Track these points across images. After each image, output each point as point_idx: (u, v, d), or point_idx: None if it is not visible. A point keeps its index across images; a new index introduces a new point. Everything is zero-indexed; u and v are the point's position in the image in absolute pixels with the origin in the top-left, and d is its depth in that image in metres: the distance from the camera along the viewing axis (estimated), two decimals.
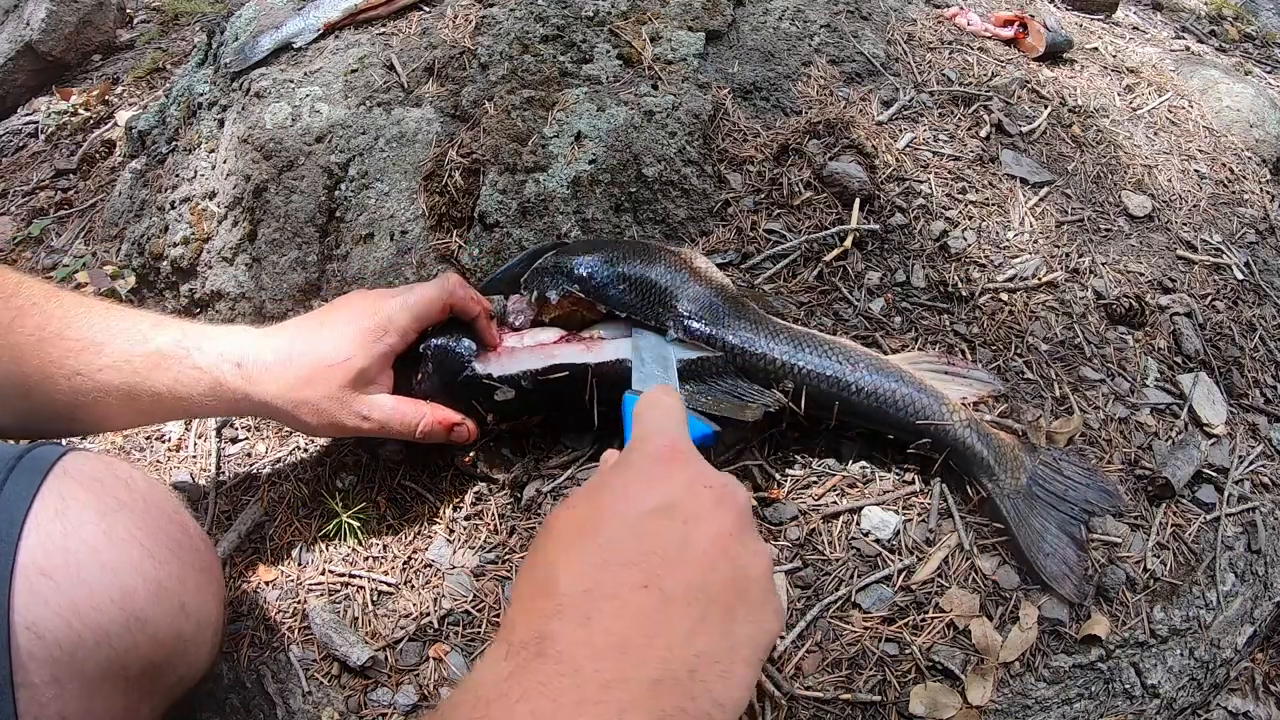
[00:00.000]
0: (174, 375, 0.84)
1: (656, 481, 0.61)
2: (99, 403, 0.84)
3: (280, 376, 0.84)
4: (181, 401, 0.85)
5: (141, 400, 0.84)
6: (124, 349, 0.83)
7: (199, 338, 0.86)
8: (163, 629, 0.69)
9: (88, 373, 0.82)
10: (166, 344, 0.84)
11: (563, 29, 1.25)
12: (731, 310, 0.95)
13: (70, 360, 0.82)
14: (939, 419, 0.91)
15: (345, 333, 0.86)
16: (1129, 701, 0.87)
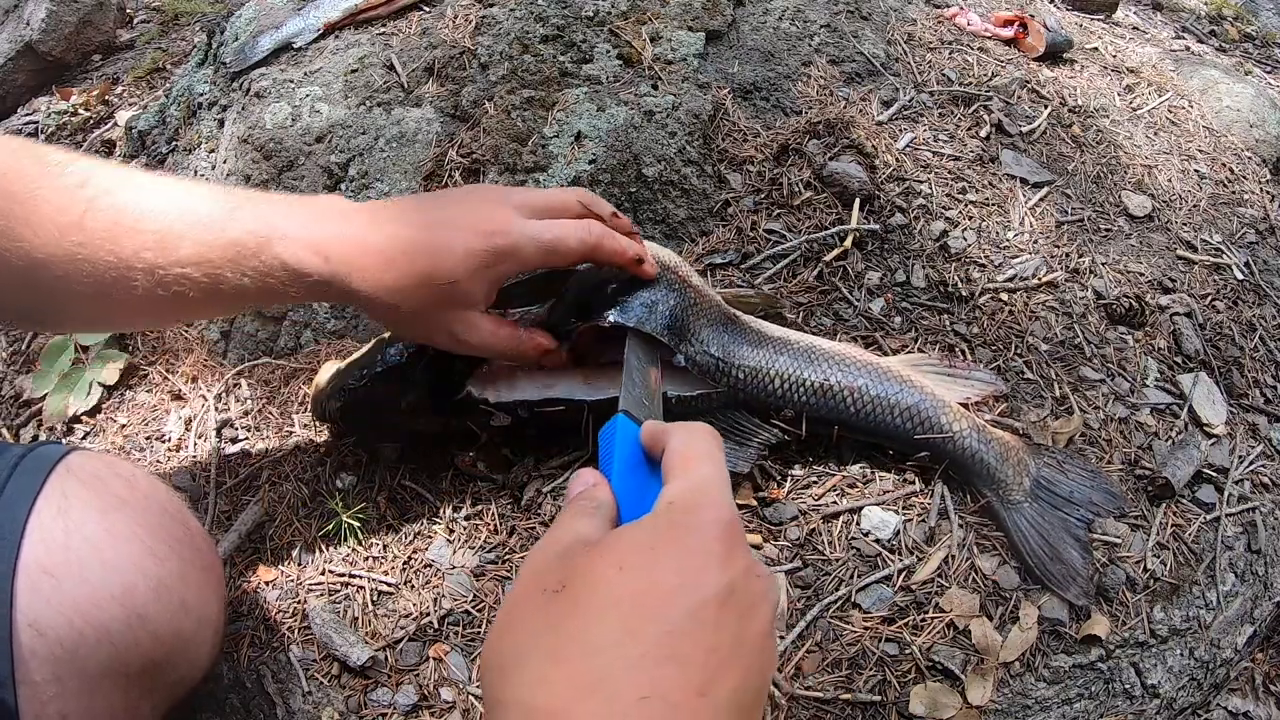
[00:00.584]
0: (254, 267, 0.76)
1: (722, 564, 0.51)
2: (179, 297, 0.77)
3: (371, 277, 0.77)
4: (265, 291, 0.78)
5: (224, 294, 0.78)
6: (203, 240, 0.76)
7: (284, 223, 0.77)
8: (164, 627, 0.69)
9: (166, 266, 0.75)
10: (246, 234, 0.76)
11: (563, 29, 1.25)
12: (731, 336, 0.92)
13: (147, 254, 0.75)
14: (943, 428, 0.91)
15: (457, 248, 0.77)
16: (1129, 701, 0.87)
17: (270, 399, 1.11)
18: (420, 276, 0.76)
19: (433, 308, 0.79)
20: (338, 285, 0.77)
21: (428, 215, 0.80)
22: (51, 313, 0.83)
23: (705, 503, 0.55)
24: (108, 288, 0.76)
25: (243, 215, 0.77)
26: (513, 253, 0.79)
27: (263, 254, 0.76)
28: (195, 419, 1.11)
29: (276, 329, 1.17)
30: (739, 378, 0.90)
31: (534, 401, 0.89)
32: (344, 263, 0.76)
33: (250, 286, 0.77)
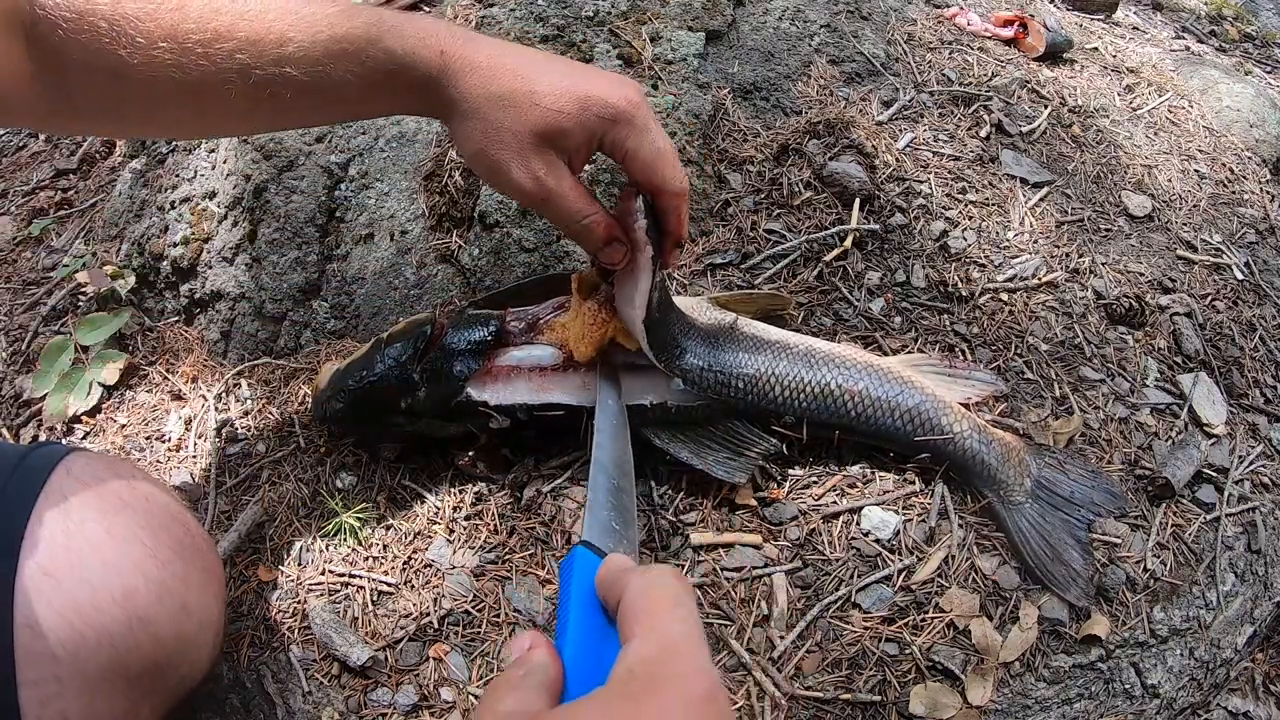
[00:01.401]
0: (362, 62, 0.73)
1: None
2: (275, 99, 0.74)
3: (481, 83, 0.74)
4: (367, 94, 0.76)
5: (324, 94, 0.75)
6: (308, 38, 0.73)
7: (397, 21, 0.75)
8: (165, 629, 0.69)
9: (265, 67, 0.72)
10: (357, 27, 0.73)
11: (563, 29, 1.25)
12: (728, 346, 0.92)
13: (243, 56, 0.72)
14: (944, 429, 0.91)
15: (579, 88, 0.74)
16: (1129, 701, 0.87)
17: (270, 399, 1.11)
18: (531, 95, 0.73)
19: (528, 135, 0.75)
20: (444, 85, 0.75)
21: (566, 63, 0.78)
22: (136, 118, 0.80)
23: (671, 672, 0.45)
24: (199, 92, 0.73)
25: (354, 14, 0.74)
26: (628, 124, 0.76)
27: (372, 49, 0.74)
28: (195, 419, 1.11)
29: (276, 329, 1.17)
30: (739, 387, 0.91)
31: (532, 405, 0.89)
32: (461, 61, 0.74)
33: (352, 84, 0.74)
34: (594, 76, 0.77)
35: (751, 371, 0.91)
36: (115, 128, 1.04)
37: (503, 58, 0.75)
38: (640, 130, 0.76)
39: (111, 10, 0.69)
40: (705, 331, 0.93)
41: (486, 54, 0.75)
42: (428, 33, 0.75)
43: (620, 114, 0.75)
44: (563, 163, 0.77)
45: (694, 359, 0.90)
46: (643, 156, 0.77)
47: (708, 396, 0.90)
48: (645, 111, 0.77)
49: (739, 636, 0.84)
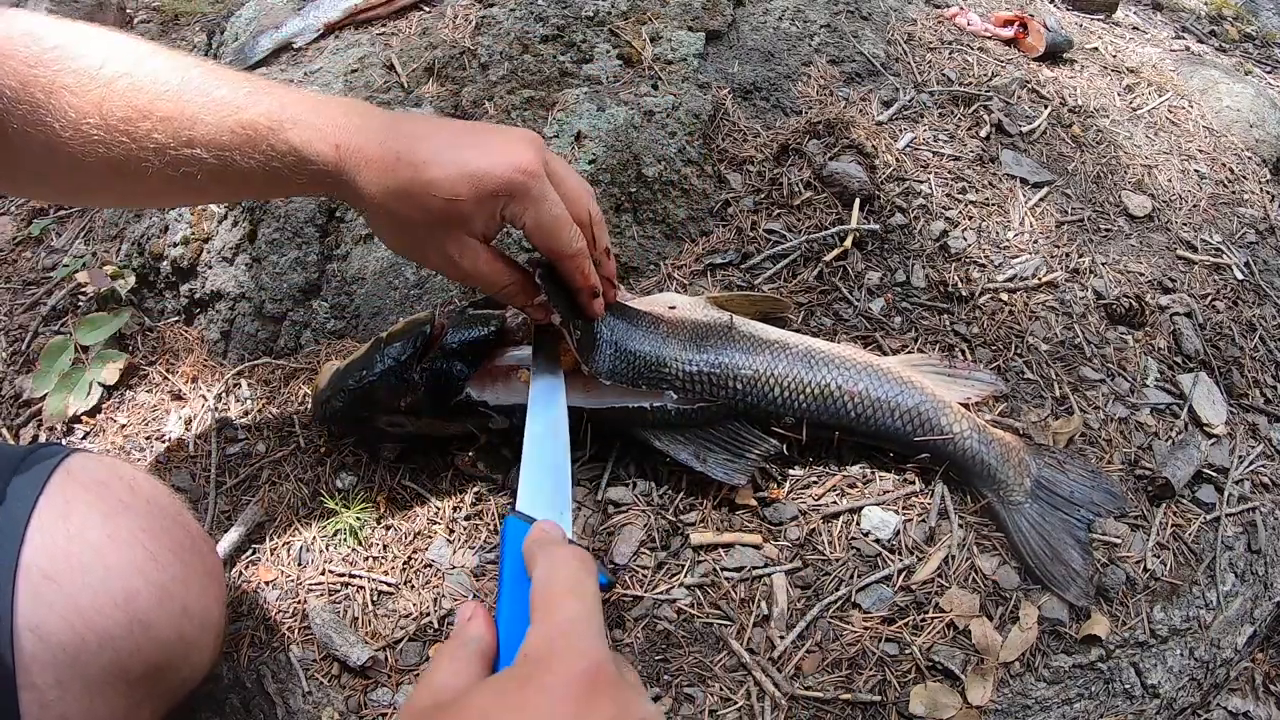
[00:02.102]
0: (264, 151, 0.76)
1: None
2: (188, 178, 0.77)
3: (378, 178, 0.75)
4: (271, 178, 0.78)
5: (230, 177, 0.78)
6: (215, 122, 0.75)
7: (297, 111, 0.76)
8: (165, 631, 0.69)
9: (178, 147, 0.75)
10: (260, 116, 0.75)
11: (563, 29, 1.25)
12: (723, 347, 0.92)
13: (159, 135, 0.75)
14: (943, 429, 0.91)
15: (470, 169, 0.75)
16: (1129, 701, 0.87)
17: (270, 399, 1.11)
18: (426, 185, 0.74)
19: (432, 224, 0.77)
20: (344, 179, 0.76)
21: (454, 133, 0.78)
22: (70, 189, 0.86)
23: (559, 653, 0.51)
24: (121, 168, 0.77)
25: (259, 99, 0.76)
26: (521, 198, 0.76)
27: (274, 138, 0.75)
28: (195, 419, 1.11)
29: (276, 329, 1.17)
30: (737, 389, 0.91)
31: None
32: (355, 155, 0.75)
33: (257, 171, 0.76)
34: (486, 148, 0.76)
35: (750, 373, 0.91)
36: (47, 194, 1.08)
37: (394, 144, 0.75)
38: (535, 201, 0.77)
39: (49, 83, 0.73)
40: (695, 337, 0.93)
41: (378, 144, 0.75)
42: (325, 123, 0.76)
43: (514, 188, 0.76)
44: (474, 239, 0.79)
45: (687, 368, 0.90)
46: (537, 227, 0.78)
47: (705, 399, 0.90)
48: (538, 180, 0.77)
49: (739, 636, 0.84)
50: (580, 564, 0.58)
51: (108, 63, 0.75)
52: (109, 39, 0.77)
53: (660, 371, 0.90)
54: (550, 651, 0.51)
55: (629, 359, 0.91)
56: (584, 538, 0.91)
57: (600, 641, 0.53)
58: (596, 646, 0.52)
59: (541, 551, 0.59)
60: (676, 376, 0.90)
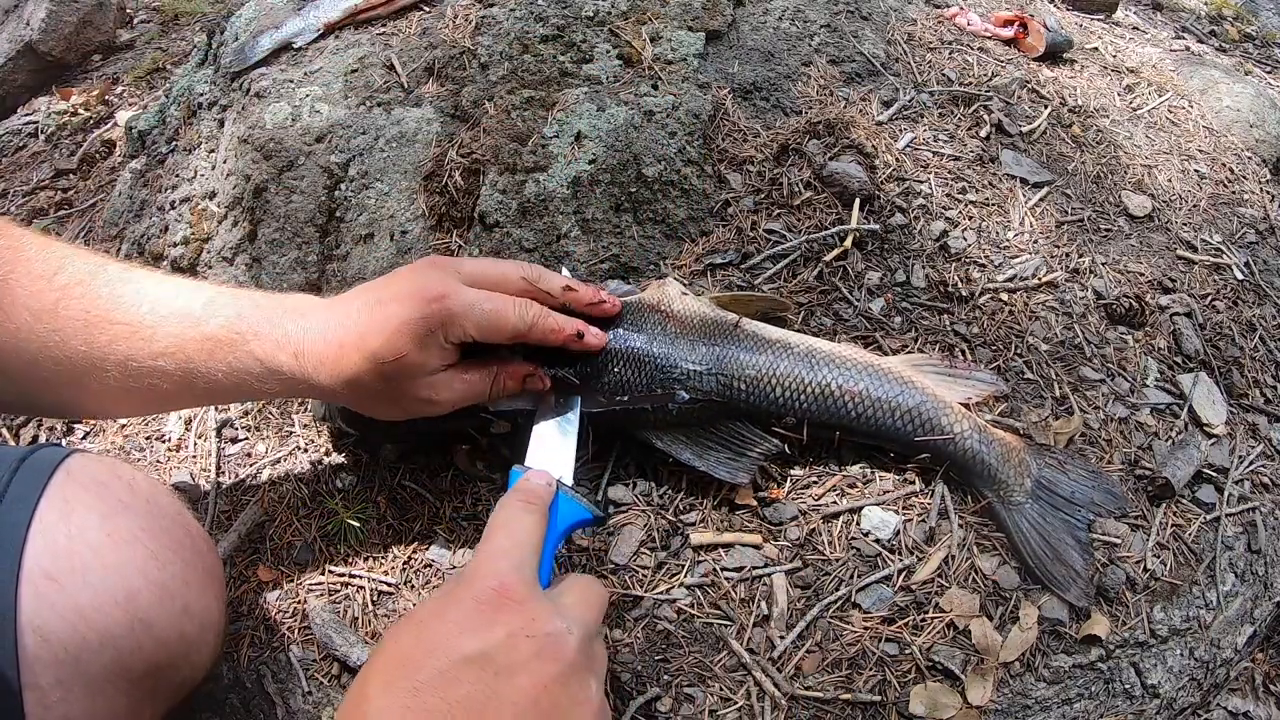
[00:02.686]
0: (229, 363, 0.79)
1: (476, 629, 0.61)
2: (153, 388, 0.80)
3: (335, 369, 0.78)
4: (239, 387, 0.81)
5: (197, 386, 0.80)
6: (176, 334, 0.78)
7: (255, 321, 0.79)
8: (166, 631, 0.69)
9: (140, 359, 0.78)
10: (221, 329, 0.78)
11: (563, 29, 1.25)
12: (724, 346, 0.92)
13: (120, 345, 0.77)
14: (944, 429, 0.91)
15: (393, 321, 0.77)
16: (1129, 701, 0.87)
17: (270, 400, 1.11)
18: (371, 356, 0.77)
19: (397, 383, 0.79)
20: (309, 382, 0.79)
21: (374, 294, 0.80)
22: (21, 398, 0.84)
23: (475, 575, 0.65)
24: (80, 377, 0.78)
25: (218, 310, 0.79)
26: (451, 320, 0.78)
27: (237, 350, 0.79)
28: (195, 419, 1.11)
29: None
30: (740, 389, 0.91)
31: (533, 411, 0.89)
32: (311, 359, 0.78)
33: (224, 381, 0.80)
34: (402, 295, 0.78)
35: (752, 373, 0.91)
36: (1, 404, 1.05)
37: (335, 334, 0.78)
38: (462, 314, 0.79)
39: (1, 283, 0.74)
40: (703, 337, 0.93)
41: (323, 339, 0.78)
42: (280, 335, 0.79)
43: (439, 317, 0.78)
44: (442, 373, 0.81)
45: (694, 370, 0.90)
46: (481, 330, 0.80)
47: (709, 396, 0.90)
48: (454, 296, 0.79)
49: (739, 636, 0.84)
50: (521, 506, 0.71)
51: (62, 270, 0.77)
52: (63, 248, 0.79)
53: (669, 373, 0.90)
54: (471, 572, 0.66)
55: (637, 370, 0.90)
56: (584, 537, 0.91)
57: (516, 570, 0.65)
58: (509, 573, 0.65)
59: (503, 498, 0.73)
60: (685, 376, 0.90)
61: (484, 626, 0.61)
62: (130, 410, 0.92)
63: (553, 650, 0.61)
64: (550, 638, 0.62)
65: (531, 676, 0.59)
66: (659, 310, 0.95)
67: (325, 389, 0.80)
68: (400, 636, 0.63)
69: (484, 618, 0.61)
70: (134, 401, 0.84)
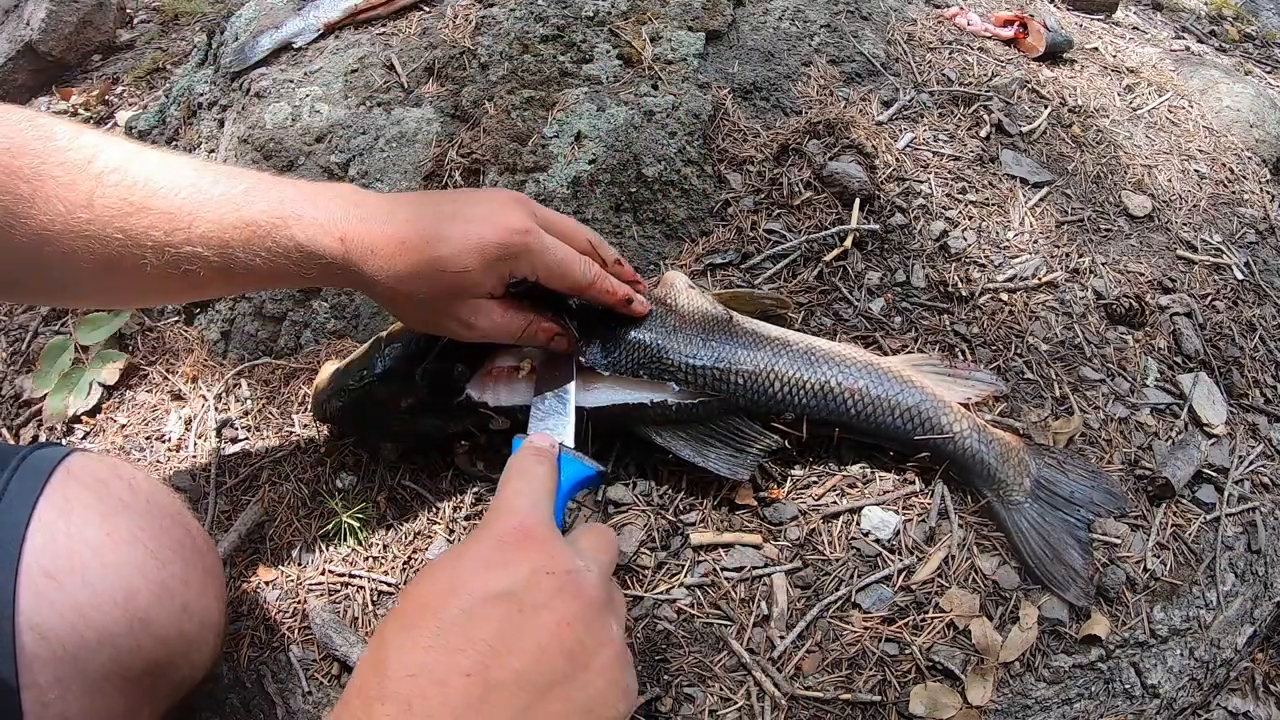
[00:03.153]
0: (269, 248, 0.76)
1: (498, 567, 0.60)
2: (190, 274, 0.77)
3: (386, 263, 0.76)
4: (278, 272, 0.79)
5: (234, 273, 0.78)
6: (216, 219, 0.75)
7: (299, 206, 0.77)
8: (166, 630, 0.69)
9: (178, 244, 0.75)
10: (262, 214, 0.76)
11: (563, 29, 1.25)
12: (725, 341, 0.92)
13: (157, 231, 0.75)
14: (943, 429, 0.91)
15: (472, 238, 0.77)
16: (1129, 701, 0.87)
17: (270, 399, 1.11)
18: (434, 262, 0.76)
19: (444, 296, 0.79)
20: (351, 270, 0.77)
21: (445, 207, 0.80)
22: (59, 288, 0.83)
23: (494, 518, 0.65)
24: (116, 264, 0.76)
25: (258, 196, 0.77)
26: (525, 255, 0.79)
27: (278, 235, 0.76)
28: (195, 419, 1.11)
29: (276, 329, 1.17)
30: (738, 384, 0.90)
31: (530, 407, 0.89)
32: (359, 246, 0.76)
33: (262, 267, 0.77)
34: (483, 218, 0.79)
35: (750, 368, 0.91)
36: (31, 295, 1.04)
37: (396, 231, 0.77)
38: (538, 254, 0.80)
39: (34, 174, 0.72)
40: (701, 332, 0.93)
41: (381, 231, 0.77)
42: (328, 218, 0.77)
43: (516, 249, 0.79)
44: (484, 300, 0.82)
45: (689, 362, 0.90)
46: (549, 274, 0.82)
47: (706, 393, 0.90)
48: (536, 235, 0.80)
49: (739, 636, 0.84)
50: (532, 457, 0.72)
51: (97, 157, 0.75)
52: (96, 135, 0.76)
53: (662, 363, 0.90)
54: (491, 515, 0.65)
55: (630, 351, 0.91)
56: None
57: (534, 510, 0.65)
58: (528, 512, 0.65)
59: (520, 449, 0.74)
60: (679, 369, 0.90)
61: (507, 564, 0.60)
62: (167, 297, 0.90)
63: (574, 587, 0.60)
64: (571, 575, 0.61)
65: (554, 613, 0.59)
66: (663, 303, 0.95)
67: (366, 279, 0.78)
68: (418, 585, 0.61)
69: (506, 555, 0.61)
70: (171, 288, 0.82)
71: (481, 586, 0.59)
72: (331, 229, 0.76)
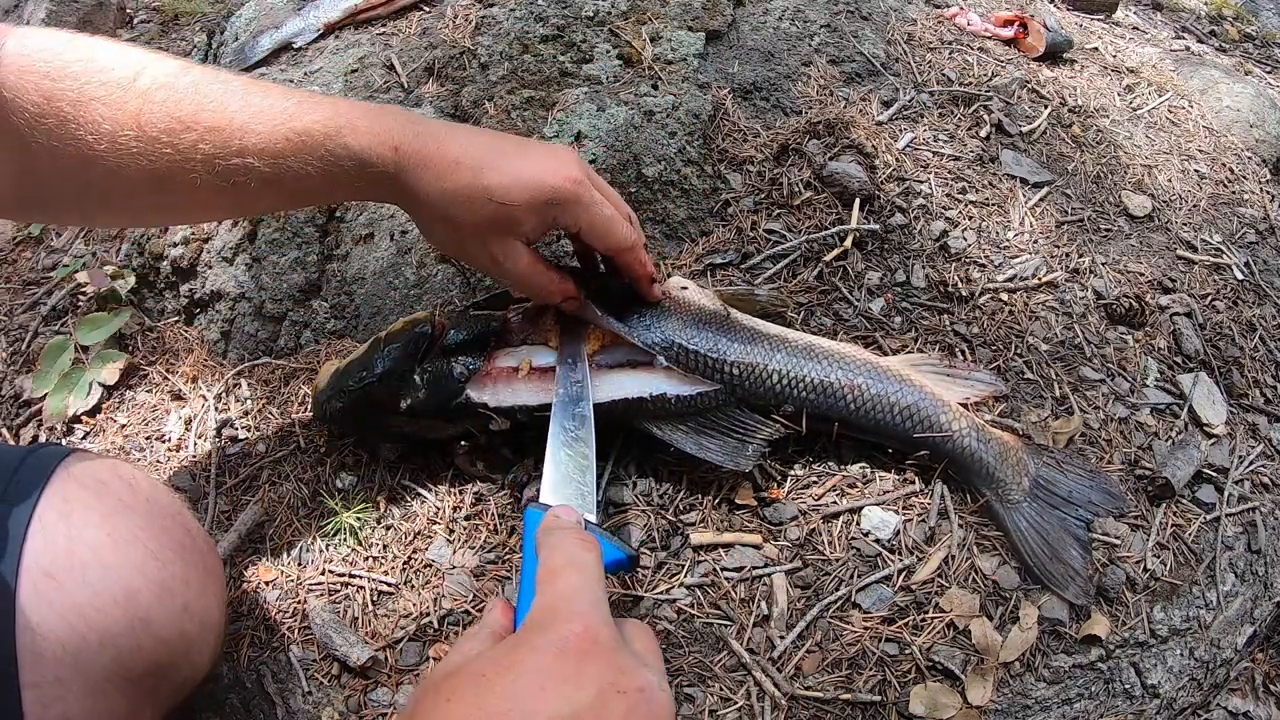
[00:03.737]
0: (322, 156, 0.76)
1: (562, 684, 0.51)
2: (240, 186, 0.77)
3: (435, 180, 0.77)
4: (330, 184, 0.79)
5: (285, 183, 0.78)
6: (268, 130, 0.75)
7: (353, 116, 0.77)
8: (166, 630, 0.69)
9: (228, 156, 0.75)
10: (315, 123, 0.76)
11: (563, 29, 1.25)
12: (725, 335, 0.93)
13: (206, 144, 0.74)
14: (942, 427, 0.91)
15: (526, 175, 0.78)
16: (1129, 701, 0.87)
17: (270, 399, 1.11)
18: (484, 190, 0.77)
19: (484, 226, 0.80)
20: (401, 181, 0.78)
21: (504, 144, 0.82)
22: (102, 206, 0.83)
23: (554, 618, 0.55)
24: (165, 180, 0.76)
25: (310, 108, 0.77)
26: (574, 204, 0.80)
27: (331, 143, 0.76)
28: (195, 419, 1.11)
29: (276, 329, 1.17)
30: (733, 374, 0.90)
31: (532, 407, 0.89)
32: (414, 158, 0.77)
33: (314, 176, 0.77)
34: (539, 160, 0.80)
35: (747, 360, 0.91)
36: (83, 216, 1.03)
37: (452, 149, 0.78)
38: (586, 206, 0.81)
39: (77, 96, 0.71)
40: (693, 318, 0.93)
41: (436, 148, 0.78)
42: (383, 128, 0.77)
43: (566, 196, 0.79)
44: (519, 243, 0.82)
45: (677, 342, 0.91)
46: (592, 229, 0.82)
47: (704, 383, 0.90)
48: (587, 187, 0.81)
49: (739, 636, 0.84)
50: (580, 542, 0.64)
51: (142, 75, 0.74)
52: (139, 53, 0.76)
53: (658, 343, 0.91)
54: (546, 617, 0.56)
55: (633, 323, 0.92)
56: None
57: (596, 610, 0.57)
58: (591, 613, 0.56)
59: (547, 535, 0.66)
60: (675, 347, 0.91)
61: (569, 681, 0.52)
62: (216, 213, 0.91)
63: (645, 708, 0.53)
64: (642, 695, 0.53)
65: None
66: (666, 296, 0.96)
67: (413, 193, 0.78)
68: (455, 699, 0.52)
69: (569, 669, 0.52)
70: (222, 202, 0.82)
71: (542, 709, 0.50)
72: (387, 138, 0.77)
